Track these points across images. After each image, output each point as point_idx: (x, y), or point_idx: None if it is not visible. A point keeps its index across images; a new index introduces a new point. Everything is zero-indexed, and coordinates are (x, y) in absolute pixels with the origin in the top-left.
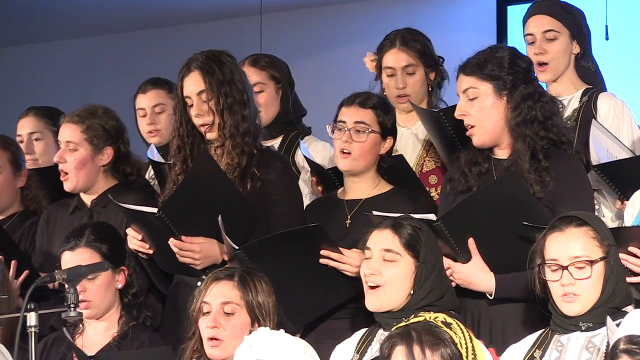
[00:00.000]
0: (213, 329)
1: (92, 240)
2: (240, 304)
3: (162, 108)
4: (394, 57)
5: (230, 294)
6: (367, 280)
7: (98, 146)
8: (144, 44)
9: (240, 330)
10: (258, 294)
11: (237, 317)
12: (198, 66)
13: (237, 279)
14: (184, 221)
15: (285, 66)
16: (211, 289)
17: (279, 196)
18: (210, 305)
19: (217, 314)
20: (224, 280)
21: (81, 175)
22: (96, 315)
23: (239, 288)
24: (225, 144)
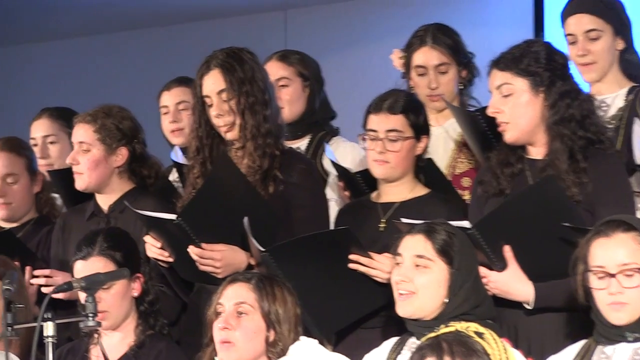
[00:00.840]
0: (224, 330)
1: (106, 248)
2: (255, 306)
3: (185, 106)
4: (426, 56)
5: (244, 294)
6: (398, 288)
7: (111, 146)
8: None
9: (253, 334)
10: (276, 301)
11: (250, 319)
12: (218, 64)
13: (254, 282)
14: (203, 228)
15: (315, 65)
16: (226, 290)
17: (303, 200)
18: (224, 306)
19: (229, 314)
20: (240, 282)
21: (94, 177)
22: (113, 326)
23: (255, 291)
24: (246, 145)
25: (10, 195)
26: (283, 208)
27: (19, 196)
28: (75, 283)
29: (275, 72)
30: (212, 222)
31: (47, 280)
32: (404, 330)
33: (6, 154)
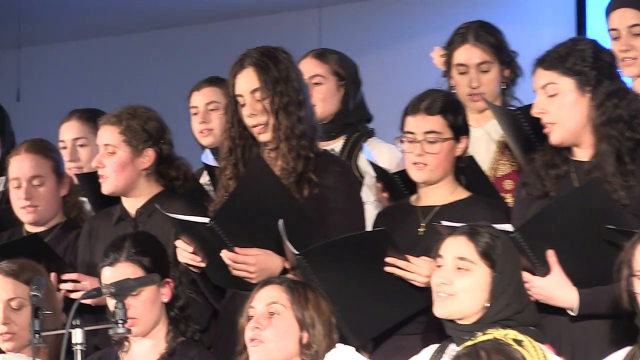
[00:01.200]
0: (254, 330)
1: (133, 254)
2: (287, 306)
3: (215, 106)
4: (467, 54)
5: (276, 295)
6: (437, 291)
7: (137, 148)
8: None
9: (285, 333)
10: (308, 303)
11: (281, 319)
12: (252, 63)
13: (287, 284)
14: (237, 231)
15: (353, 66)
16: (258, 293)
17: (338, 203)
18: (255, 308)
19: (260, 315)
20: (272, 284)
21: (121, 179)
22: (143, 333)
23: (287, 292)
24: (279, 146)
25: (37, 198)
26: (318, 212)
27: (46, 199)
28: (105, 289)
29: (310, 69)
30: (246, 225)
31: (75, 285)
32: (444, 337)
33: (32, 156)
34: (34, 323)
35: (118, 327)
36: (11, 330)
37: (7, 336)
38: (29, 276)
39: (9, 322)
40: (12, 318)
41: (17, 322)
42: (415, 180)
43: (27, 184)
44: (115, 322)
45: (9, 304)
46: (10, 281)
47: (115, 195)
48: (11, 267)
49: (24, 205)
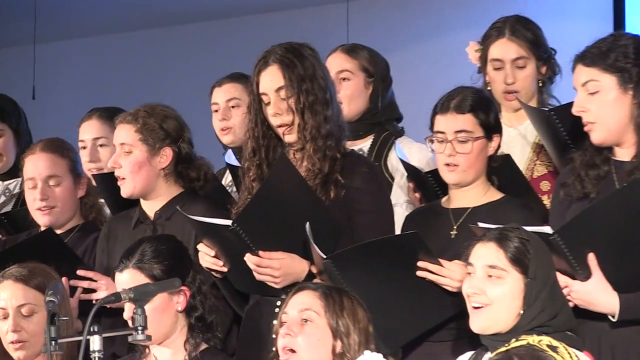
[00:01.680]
0: (286, 337)
1: (144, 261)
2: (320, 314)
3: (236, 103)
4: (503, 48)
5: (310, 301)
6: (470, 301)
7: (154, 147)
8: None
9: (317, 342)
10: (344, 311)
11: (314, 327)
12: (277, 59)
13: (322, 290)
14: (261, 234)
15: (384, 63)
16: (292, 299)
17: (366, 205)
18: (288, 314)
19: (292, 321)
20: (307, 290)
21: (138, 180)
22: (153, 342)
23: (322, 298)
24: (305, 147)
25: (53, 199)
26: (345, 214)
27: (62, 200)
28: (124, 294)
29: (339, 64)
30: (270, 228)
31: (90, 283)
32: (476, 344)
33: (48, 155)
34: (50, 330)
35: (137, 334)
36: (22, 338)
37: (18, 344)
38: (39, 281)
39: (19, 329)
40: (23, 325)
41: (27, 329)
42: (447, 182)
43: (42, 184)
44: (134, 328)
45: (19, 311)
46: (21, 287)
47: (134, 198)
48: (21, 272)
49: (40, 206)
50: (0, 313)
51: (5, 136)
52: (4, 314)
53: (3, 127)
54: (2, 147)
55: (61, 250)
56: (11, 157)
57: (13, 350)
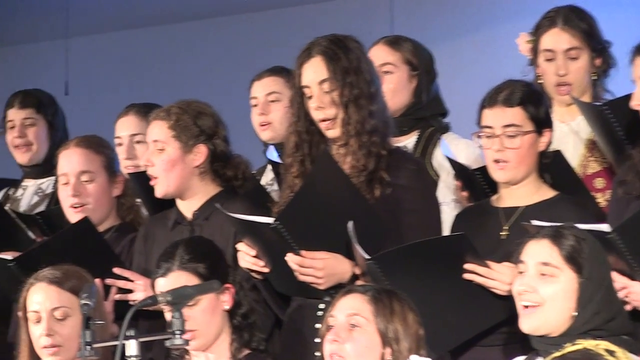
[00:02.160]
0: (333, 343)
1: (187, 261)
2: (369, 319)
3: (276, 97)
4: (555, 39)
5: (359, 306)
6: (521, 299)
7: (187, 144)
8: (258, 28)
9: (365, 349)
10: (394, 316)
11: (362, 333)
12: (320, 51)
13: (371, 294)
14: (303, 233)
15: (428, 56)
16: (340, 302)
17: (413, 204)
18: (336, 318)
19: (340, 327)
20: (355, 293)
21: (172, 179)
22: (204, 346)
23: (371, 303)
24: (349, 142)
25: (85, 196)
26: (390, 213)
27: (95, 197)
28: (161, 297)
29: (381, 56)
30: (313, 227)
31: (126, 284)
32: (527, 348)
33: (81, 151)
34: (85, 334)
35: (175, 338)
36: (55, 343)
37: (52, 349)
38: (74, 284)
39: (52, 333)
40: (56, 329)
41: (61, 333)
42: (497, 180)
43: (75, 179)
44: (172, 332)
45: (53, 314)
46: (54, 289)
47: (168, 198)
48: (54, 275)
49: (72, 203)
50: (33, 317)
51: (37, 126)
52: (37, 317)
53: (37, 117)
54: (34, 137)
55: (97, 244)
56: (42, 149)
57: (46, 355)
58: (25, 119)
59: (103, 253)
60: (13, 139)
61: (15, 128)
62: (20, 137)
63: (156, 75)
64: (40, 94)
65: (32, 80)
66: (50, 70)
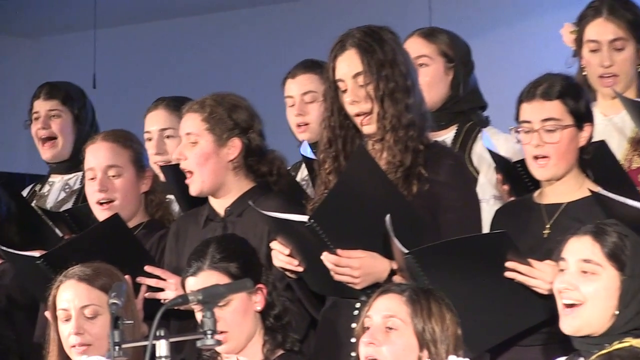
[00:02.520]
0: (369, 346)
1: (218, 260)
2: (407, 322)
3: (313, 97)
4: (600, 29)
5: (395, 307)
6: (561, 297)
7: (221, 137)
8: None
9: (402, 352)
10: (432, 317)
11: (399, 335)
12: (355, 44)
13: (408, 294)
14: (339, 231)
15: (464, 47)
16: (376, 302)
17: (452, 200)
18: (372, 319)
19: (376, 329)
20: (392, 293)
21: (206, 173)
22: (237, 349)
23: (408, 304)
24: (385, 137)
25: (112, 191)
26: (428, 210)
27: (123, 193)
28: (192, 296)
29: (416, 49)
30: (349, 225)
31: (158, 282)
32: (568, 348)
33: (108, 145)
34: (114, 334)
35: (207, 339)
36: (85, 342)
37: (81, 348)
38: (104, 282)
39: (82, 332)
40: (86, 328)
41: (91, 332)
42: (538, 178)
43: (102, 174)
44: (203, 332)
45: (83, 313)
46: (84, 287)
47: (203, 196)
48: (85, 272)
49: (99, 198)
50: (62, 315)
51: (63, 118)
52: (66, 315)
53: (62, 110)
54: (59, 130)
55: (128, 241)
56: (68, 143)
57: (76, 354)
58: (50, 111)
59: (134, 250)
60: (37, 130)
61: (39, 119)
62: (44, 128)
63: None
64: (68, 87)
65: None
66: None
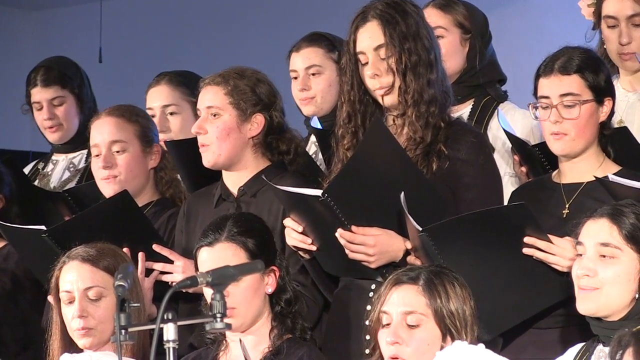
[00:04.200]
0: (394, 345)
1: (236, 234)
2: (427, 314)
3: (317, 70)
4: (617, 5)
5: (413, 301)
6: (579, 284)
7: (246, 112)
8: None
9: (427, 347)
10: (450, 299)
11: (423, 330)
12: (377, 15)
13: (423, 283)
14: (354, 207)
15: (481, 17)
16: (391, 295)
17: (473, 178)
18: (390, 315)
19: (398, 326)
20: (406, 285)
21: (225, 148)
22: (242, 327)
23: (425, 294)
24: (406, 112)
25: (116, 167)
26: (449, 188)
27: (127, 168)
28: (201, 278)
29: (431, 20)
30: (365, 201)
31: (164, 266)
32: (586, 332)
33: (112, 120)
34: (120, 317)
35: (216, 322)
36: (88, 325)
37: (84, 331)
38: (109, 263)
39: (85, 314)
40: (90, 311)
41: (95, 315)
42: (554, 152)
43: (106, 150)
44: (212, 315)
45: (86, 294)
46: (88, 268)
47: (216, 169)
48: (89, 253)
49: (103, 175)
50: (66, 297)
51: (67, 104)
52: (69, 297)
53: (64, 94)
54: (64, 116)
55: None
56: (73, 126)
57: (79, 337)
58: (52, 99)
59: (142, 228)
60: (43, 121)
61: (43, 109)
62: (50, 118)
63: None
64: (62, 66)
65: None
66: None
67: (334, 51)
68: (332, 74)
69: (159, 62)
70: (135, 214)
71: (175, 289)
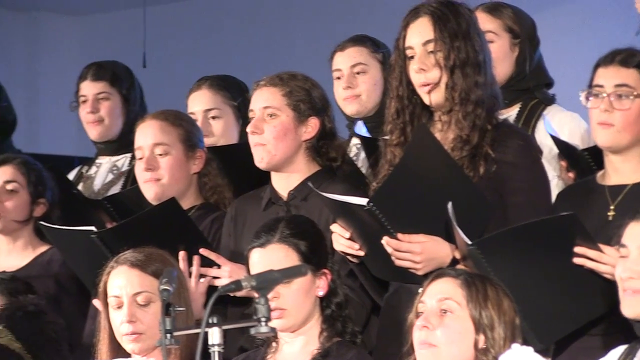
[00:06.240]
0: (423, 329)
1: (288, 236)
2: (462, 304)
3: (362, 69)
4: None
5: (450, 290)
6: (624, 287)
7: (303, 114)
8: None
9: (458, 335)
10: (488, 302)
11: (454, 318)
12: (429, 11)
13: (463, 278)
14: (400, 215)
15: (529, 22)
16: (430, 286)
17: (521, 182)
18: (426, 304)
19: (431, 312)
20: (447, 277)
21: (281, 148)
22: (292, 327)
23: (464, 287)
24: (453, 110)
25: (158, 169)
26: (496, 192)
27: (170, 172)
28: (245, 282)
29: (480, 24)
30: (410, 208)
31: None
32: (630, 337)
33: (157, 123)
34: (165, 321)
35: (260, 326)
36: (137, 330)
37: (134, 336)
38: (157, 267)
39: (134, 320)
40: (139, 316)
41: (144, 320)
42: (598, 143)
43: (149, 152)
44: (257, 320)
45: (135, 300)
46: (137, 273)
47: (269, 169)
48: (137, 258)
49: (146, 178)
50: (114, 302)
51: (111, 100)
52: (118, 303)
53: (111, 92)
54: (107, 112)
55: (183, 225)
56: (115, 125)
57: (128, 342)
58: (98, 94)
59: (190, 235)
60: (85, 114)
61: (87, 102)
62: (92, 112)
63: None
64: (115, 66)
65: (110, 52)
66: (127, 41)
67: (378, 52)
68: (376, 73)
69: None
70: (183, 220)
71: (220, 293)
